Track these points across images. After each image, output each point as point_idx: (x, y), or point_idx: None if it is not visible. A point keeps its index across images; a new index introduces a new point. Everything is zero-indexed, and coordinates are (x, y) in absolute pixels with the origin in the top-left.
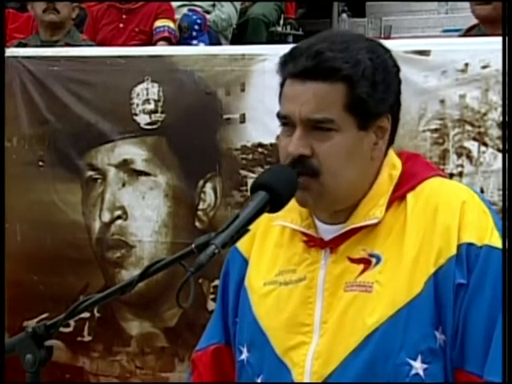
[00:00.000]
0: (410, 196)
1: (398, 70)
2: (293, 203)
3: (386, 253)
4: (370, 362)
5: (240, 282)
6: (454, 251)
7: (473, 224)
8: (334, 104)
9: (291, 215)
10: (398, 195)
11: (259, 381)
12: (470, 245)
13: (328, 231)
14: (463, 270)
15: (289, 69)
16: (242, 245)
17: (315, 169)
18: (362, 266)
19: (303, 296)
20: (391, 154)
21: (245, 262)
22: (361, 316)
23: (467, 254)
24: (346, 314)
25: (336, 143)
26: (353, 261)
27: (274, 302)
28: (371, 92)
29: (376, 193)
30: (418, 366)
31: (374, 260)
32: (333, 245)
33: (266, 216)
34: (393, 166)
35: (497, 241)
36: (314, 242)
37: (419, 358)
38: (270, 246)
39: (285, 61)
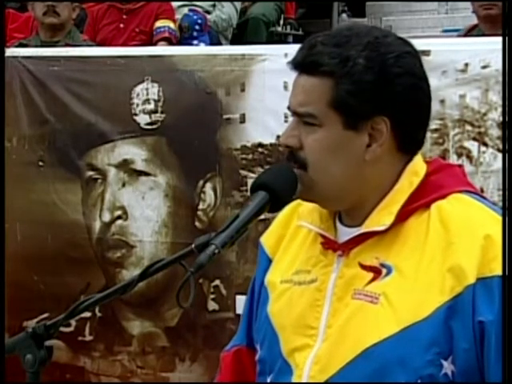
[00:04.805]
0: (434, 207)
1: (406, 72)
2: None
3: (398, 265)
4: (367, 377)
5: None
6: (471, 281)
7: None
8: (319, 99)
9: (313, 216)
10: (423, 204)
11: (269, 380)
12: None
13: (345, 234)
14: (493, 303)
15: (291, 60)
16: (268, 244)
17: (303, 161)
18: (371, 275)
19: (312, 298)
20: (416, 160)
21: (269, 262)
22: (363, 327)
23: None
24: (348, 323)
25: (318, 138)
26: (363, 267)
27: (287, 301)
28: (355, 91)
29: (393, 199)
30: None
31: (384, 270)
32: (345, 248)
33: (297, 216)
34: (415, 173)
35: None
36: (328, 245)
37: (419, 382)
38: (296, 245)
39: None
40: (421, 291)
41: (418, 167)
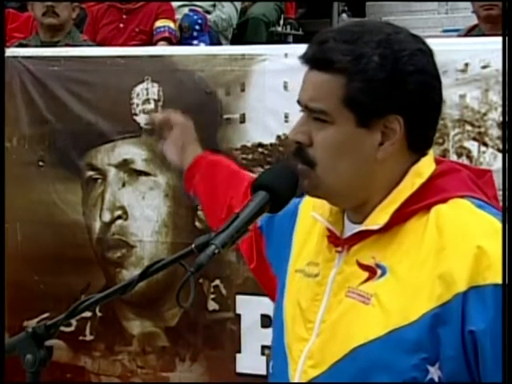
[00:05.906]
0: (433, 211)
1: (418, 70)
2: None
3: (393, 266)
4: (352, 377)
5: (289, 231)
6: (461, 289)
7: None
8: (331, 96)
9: (324, 207)
10: (423, 206)
11: (271, 365)
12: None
13: (350, 230)
14: (486, 312)
15: (302, 55)
16: (302, 212)
17: (311, 159)
18: (367, 274)
19: (314, 292)
20: (424, 161)
21: (294, 217)
22: (352, 326)
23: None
24: (340, 320)
25: (329, 136)
26: (360, 266)
27: (296, 292)
28: (368, 89)
29: (393, 199)
30: None
31: (379, 271)
32: (345, 244)
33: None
34: (418, 174)
35: None
36: (332, 239)
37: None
38: (314, 233)
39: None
40: (411, 295)
41: (423, 168)
